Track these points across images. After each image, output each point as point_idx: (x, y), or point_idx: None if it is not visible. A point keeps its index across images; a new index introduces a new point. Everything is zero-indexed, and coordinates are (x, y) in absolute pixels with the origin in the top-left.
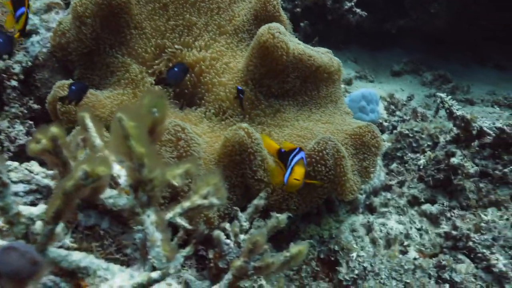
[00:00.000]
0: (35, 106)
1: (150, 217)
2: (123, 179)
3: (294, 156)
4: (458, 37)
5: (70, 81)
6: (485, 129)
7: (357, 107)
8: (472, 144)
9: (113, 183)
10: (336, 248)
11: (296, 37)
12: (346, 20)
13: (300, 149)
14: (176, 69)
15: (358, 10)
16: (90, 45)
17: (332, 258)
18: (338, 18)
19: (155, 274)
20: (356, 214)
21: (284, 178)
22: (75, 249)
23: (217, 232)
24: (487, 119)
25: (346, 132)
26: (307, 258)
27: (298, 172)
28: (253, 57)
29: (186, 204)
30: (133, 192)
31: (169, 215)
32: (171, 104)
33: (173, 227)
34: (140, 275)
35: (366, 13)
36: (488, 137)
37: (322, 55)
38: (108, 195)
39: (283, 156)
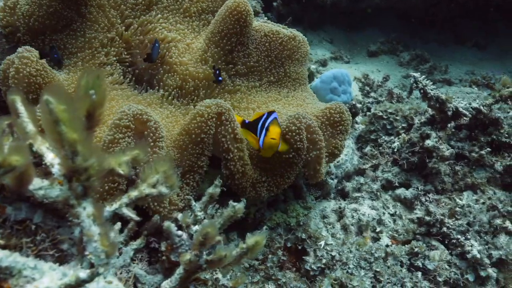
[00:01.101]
0: None
1: (86, 210)
2: (56, 168)
3: (266, 119)
4: (436, 15)
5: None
6: (461, 109)
7: (328, 88)
8: (448, 125)
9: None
10: (304, 236)
11: (269, 18)
12: None
13: (270, 113)
14: (157, 44)
15: None
16: (45, 21)
17: (300, 247)
18: None
19: (83, 274)
20: (328, 199)
21: (258, 144)
22: (2, 247)
23: (167, 223)
24: (464, 99)
25: (314, 113)
26: (273, 247)
27: (274, 132)
28: (219, 25)
29: (134, 193)
30: (67, 182)
31: (114, 206)
32: (129, 87)
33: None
34: (70, 275)
35: None
36: (464, 118)
37: (284, 29)
38: (38, 186)
39: (248, 127)
